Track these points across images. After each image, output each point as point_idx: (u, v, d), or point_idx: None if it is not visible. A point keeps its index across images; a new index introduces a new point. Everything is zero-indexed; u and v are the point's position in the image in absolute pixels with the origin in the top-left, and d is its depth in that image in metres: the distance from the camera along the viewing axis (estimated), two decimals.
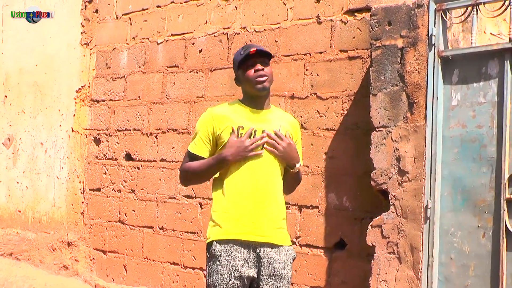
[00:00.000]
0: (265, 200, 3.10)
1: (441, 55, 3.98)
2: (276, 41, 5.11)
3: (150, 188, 5.94)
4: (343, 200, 4.63)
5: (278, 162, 3.17)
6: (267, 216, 3.10)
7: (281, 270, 3.13)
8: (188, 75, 5.71)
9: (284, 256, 3.15)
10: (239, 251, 3.06)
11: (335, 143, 4.70)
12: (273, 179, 3.14)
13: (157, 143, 5.91)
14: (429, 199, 3.96)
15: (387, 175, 4.12)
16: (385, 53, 4.17)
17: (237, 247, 3.06)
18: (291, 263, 3.18)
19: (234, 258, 3.05)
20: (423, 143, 3.98)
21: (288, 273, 3.15)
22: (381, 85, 4.18)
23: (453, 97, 3.95)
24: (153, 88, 6.00)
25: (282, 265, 3.13)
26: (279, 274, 3.11)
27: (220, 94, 5.43)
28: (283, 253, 3.15)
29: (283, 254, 3.15)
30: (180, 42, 5.80)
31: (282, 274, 3.13)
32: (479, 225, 3.81)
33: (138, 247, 6.02)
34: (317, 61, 4.84)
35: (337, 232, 4.66)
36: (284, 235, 3.19)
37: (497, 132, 3.77)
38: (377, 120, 4.19)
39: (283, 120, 3.25)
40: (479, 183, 3.82)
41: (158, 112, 5.92)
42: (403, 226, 4.03)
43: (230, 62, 5.36)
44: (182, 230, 5.63)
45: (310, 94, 4.87)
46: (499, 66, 3.79)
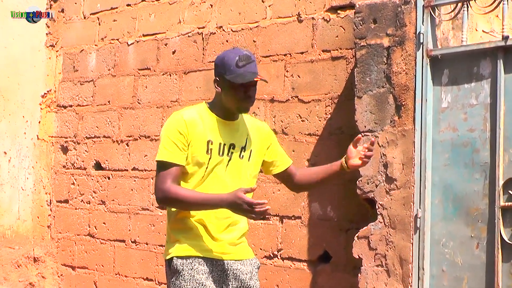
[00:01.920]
0: (227, 217, 3.07)
1: (430, 55, 3.99)
2: (254, 41, 5.12)
3: (121, 199, 5.93)
4: (327, 209, 4.63)
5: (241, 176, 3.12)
6: (229, 234, 3.11)
7: (248, 281, 3.13)
8: (161, 78, 5.71)
9: (249, 267, 3.15)
10: (201, 264, 3.05)
11: (318, 149, 4.70)
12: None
13: (129, 151, 5.91)
14: (419, 208, 3.97)
15: (374, 183, 4.12)
16: (371, 53, 4.18)
17: (199, 260, 3.05)
18: (257, 273, 3.19)
19: (197, 271, 3.03)
20: (412, 148, 3.99)
21: (256, 283, 3.16)
22: (366, 87, 4.19)
23: (443, 99, 3.97)
24: (124, 92, 6.00)
25: (249, 276, 3.13)
26: (247, 286, 3.12)
27: (195, 98, 5.41)
28: (247, 264, 3.16)
29: (248, 265, 3.15)
30: (152, 43, 5.80)
31: (250, 285, 3.13)
32: (472, 235, 3.82)
33: (109, 262, 5.99)
34: (298, 62, 4.84)
35: (321, 244, 4.66)
36: (246, 248, 3.21)
37: (490, 136, 3.78)
38: (362, 124, 4.20)
39: (251, 130, 3.19)
40: (471, 190, 3.83)
41: (129, 118, 5.92)
42: (392, 237, 4.03)
43: (205, 64, 5.38)
44: (156, 244, 5.62)
45: (291, 97, 4.88)
46: (491, 65, 3.80)
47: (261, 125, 3.30)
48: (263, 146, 3.23)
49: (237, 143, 3.12)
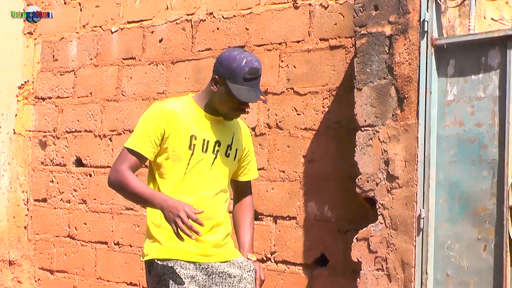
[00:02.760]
0: (210, 217, 3.10)
1: (434, 44, 3.98)
2: (247, 29, 5.12)
3: (103, 198, 5.91)
4: (325, 209, 4.64)
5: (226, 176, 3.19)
6: (213, 235, 3.13)
7: (237, 284, 3.13)
8: (146, 68, 5.70)
9: (238, 270, 3.16)
10: (184, 268, 3.06)
11: (314, 145, 4.70)
12: (218, 194, 3.16)
13: (112, 146, 5.90)
14: (422, 208, 3.97)
15: (374, 181, 4.12)
16: (371, 41, 4.18)
17: (182, 263, 3.06)
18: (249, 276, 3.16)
19: (180, 276, 3.04)
20: (415, 144, 3.99)
21: (247, 286, 3.16)
22: (366, 78, 4.18)
23: (448, 91, 3.97)
24: (107, 83, 5.98)
25: (238, 279, 3.14)
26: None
27: (184, 89, 5.38)
28: (235, 266, 3.16)
29: (236, 267, 3.16)
30: (138, 30, 5.80)
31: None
32: (480, 237, 3.82)
33: (91, 265, 5.98)
34: (294, 51, 4.84)
35: (318, 247, 4.67)
36: (232, 250, 3.22)
37: (499, 131, 3.78)
38: (362, 118, 4.20)
39: (236, 128, 3.25)
40: (479, 189, 3.83)
41: (113, 111, 5.91)
42: (393, 238, 4.03)
43: (194, 53, 5.39)
44: (141, 246, 5.46)
45: (286, 89, 4.88)
46: (500, 55, 3.79)
47: (244, 125, 3.34)
48: (243, 146, 3.28)
49: (223, 140, 3.16)
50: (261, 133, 4.94)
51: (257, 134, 4.94)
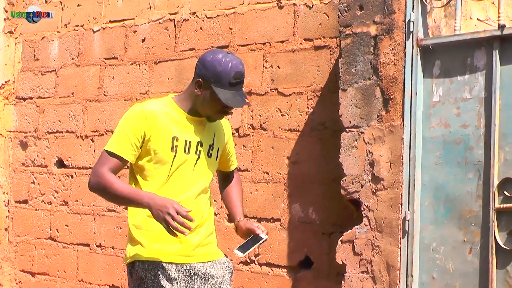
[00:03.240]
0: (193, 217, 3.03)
1: (420, 44, 3.99)
2: (230, 29, 5.11)
3: (85, 200, 5.90)
4: (309, 211, 4.63)
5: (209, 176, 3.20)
6: (196, 236, 3.13)
7: (220, 286, 3.14)
8: (129, 68, 5.70)
9: (221, 270, 3.16)
10: (166, 270, 3.06)
11: (299, 146, 4.69)
12: (199, 195, 3.16)
13: (94, 147, 5.88)
14: (408, 210, 3.97)
15: (359, 183, 4.12)
16: (356, 42, 4.18)
17: (163, 265, 3.06)
18: (230, 278, 3.19)
19: (162, 278, 3.04)
20: (400, 146, 3.99)
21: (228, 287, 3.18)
22: (351, 79, 4.18)
23: (434, 92, 3.97)
24: (89, 83, 5.98)
25: (221, 280, 3.14)
26: None
27: (166, 90, 5.39)
28: (218, 267, 3.17)
29: (219, 268, 3.16)
30: (120, 30, 5.79)
31: None
32: (465, 239, 3.83)
33: (72, 268, 5.96)
34: (278, 52, 4.85)
35: (302, 249, 4.66)
36: (214, 250, 3.23)
37: (484, 132, 3.79)
38: (347, 119, 4.19)
39: (217, 127, 3.25)
40: (464, 191, 3.84)
41: (95, 111, 5.90)
42: (378, 241, 4.03)
43: (177, 53, 5.38)
44: (123, 248, 5.54)
45: (270, 90, 4.87)
46: (486, 56, 3.81)
47: (226, 122, 3.35)
48: (224, 142, 3.30)
49: (205, 141, 3.17)
50: (245, 134, 4.92)
51: (241, 135, 4.93)
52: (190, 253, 3.10)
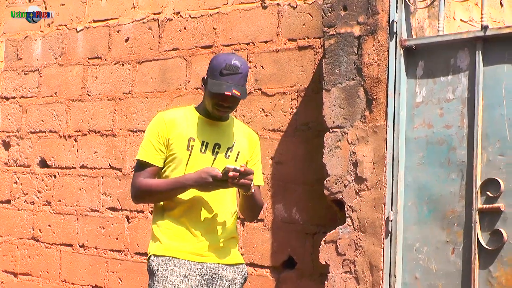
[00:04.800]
0: (211, 218, 3.20)
1: (403, 45, 4.00)
2: (214, 29, 5.11)
3: (68, 200, 5.90)
4: (292, 212, 4.63)
5: None
6: (213, 236, 3.20)
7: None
8: (112, 68, 5.70)
9: (232, 274, 3.22)
10: (178, 266, 3.13)
11: (282, 147, 4.69)
12: (222, 196, 3.21)
13: (77, 147, 5.89)
14: (391, 210, 3.97)
15: (343, 183, 4.12)
16: (340, 42, 4.18)
17: (177, 261, 3.13)
18: (240, 283, 3.25)
19: (172, 272, 3.11)
20: (384, 146, 3.99)
21: None
22: (335, 79, 4.18)
23: (417, 93, 3.98)
24: (72, 83, 5.97)
25: (229, 283, 3.19)
26: None
27: (150, 90, 5.43)
28: (231, 271, 3.22)
29: (231, 272, 3.22)
30: (103, 29, 5.79)
31: None
32: (448, 240, 3.83)
33: (55, 268, 5.94)
34: (262, 52, 4.86)
35: (286, 249, 4.66)
36: (232, 253, 3.27)
37: (468, 133, 3.79)
38: (331, 119, 4.20)
39: (240, 135, 3.33)
40: (447, 191, 3.84)
41: (78, 111, 5.89)
42: (361, 241, 4.03)
43: (161, 53, 5.39)
44: (106, 248, 5.61)
45: (254, 90, 4.87)
46: (469, 57, 3.82)
47: (252, 135, 3.41)
48: (249, 153, 3.34)
49: (224, 143, 3.25)
50: None
51: None
52: (204, 252, 3.16)
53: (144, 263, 5.12)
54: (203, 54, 5.11)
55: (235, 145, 3.27)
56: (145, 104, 5.41)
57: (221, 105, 3.16)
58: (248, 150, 3.33)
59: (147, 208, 5.27)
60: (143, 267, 5.10)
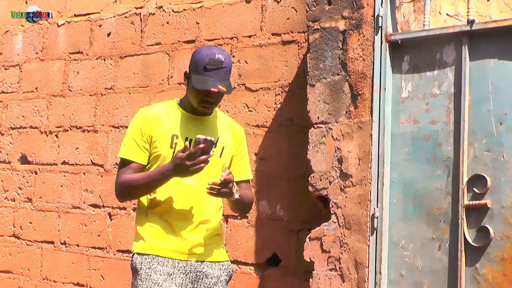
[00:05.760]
0: (195, 215, 3.18)
1: (389, 39, 3.99)
2: (197, 23, 5.11)
3: (50, 196, 5.90)
4: (277, 208, 4.64)
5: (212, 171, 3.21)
6: (197, 234, 3.19)
7: (213, 287, 3.19)
8: (94, 63, 5.70)
9: (217, 271, 3.22)
10: (161, 264, 3.13)
11: (266, 142, 4.69)
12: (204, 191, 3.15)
13: (58, 143, 5.88)
14: (376, 207, 3.96)
15: (328, 179, 4.11)
16: (325, 37, 4.18)
17: (160, 259, 3.13)
18: (226, 280, 3.25)
19: (155, 271, 3.11)
20: (369, 142, 3.99)
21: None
22: (320, 74, 4.18)
23: (403, 88, 3.98)
24: (53, 78, 5.98)
25: (215, 281, 3.19)
26: None
27: (132, 85, 5.44)
28: (216, 268, 3.22)
29: (216, 269, 3.21)
30: (85, 24, 5.80)
31: None
32: (434, 237, 3.84)
33: (36, 265, 5.95)
34: (246, 47, 4.85)
35: (270, 246, 4.67)
36: (217, 250, 3.26)
37: (454, 129, 3.79)
38: (315, 115, 4.19)
39: (224, 129, 3.31)
40: (433, 187, 3.84)
41: (59, 107, 5.89)
42: (346, 238, 4.03)
43: (143, 47, 5.41)
44: (88, 246, 5.63)
45: (237, 85, 4.86)
46: (456, 52, 3.82)
47: (236, 126, 3.40)
48: (234, 147, 3.33)
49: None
50: None
51: None
52: (188, 250, 3.14)
53: (126, 261, 5.10)
54: (186, 49, 5.09)
55: (220, 140, 3.25)
56: (127, 100, 5.38)
57: (206, 101, 3.13)
58: (234, 144, 3.31)
59: (130, 205, 5.25)
60: (125, 265, 5.06)
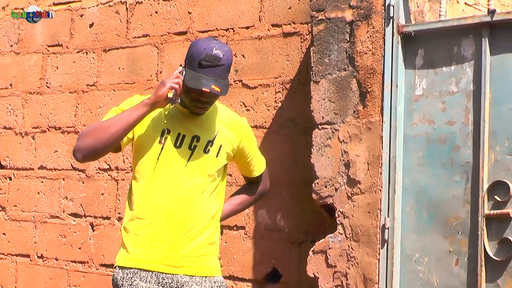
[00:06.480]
0: (186, 221, 3.15)
1: (401, 31, 4.01)
2: (189, 13, 5.11)
3: (25, 205, 5.91)
4: (277, 218, 4.64)
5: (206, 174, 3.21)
6: (187, 242, 3.16)
7: None
8: (75, 57, 5.71)
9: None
10: (144, 280, 3.11)
11: (265, 145, 4.68)
12: (197, 194, 3.18)
13: (35, 145, 5.89)
14: (387, 217, 3.98)
15: (333, 186, 4.12)
16: (330, 28, 4.19)
17: (142, 274, 3.11)
18: None
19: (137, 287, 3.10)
20: (379, 145, 4.00)
21: None
22: (324, 69, 4.19)
23: (417, 85, 3.99)
24: (30, 73, 5.99)
25: None
26: None
27: (117, 81, 5.45)
28: (207, 285, 3.18)
29: (207, 285, 3.19)
30: (65, 13, 5.79)
31: None
32: (451, 249, 3.85)
33: (11, 281, 5.95)
34: (243, 39, 4.86)
35: (269, 260, 4.67)
36: (209, 264, 3.23)
37: (473, 130, 3.81)
38: (319, 114, 4.20)
39: (223, 125, 3.28)
40: (450, 195, 3.86)
41: (36, 105, 5.90)
42: (354, 251, 4.04)
43: (130, 40, 5.42)
44: (68, 259, 5.61)
45: (233, 82, 4.86)
46: (475, 45, 3.84)
47: (237, 120, 3.37)
48: (235, 143, 3.31)
49: (203, 136, 3.21)
50: None
51: None
52: (177, 263, 3.12)
53: (110, 276, 5.09)
54: (176, 41, 5.10)
55: (217, 137, 3.23)
56: (112, 97, 5.40)
57: (198, 100, 3.12)
58: (234, 142, 3.29)
59: (114, 214, 5.26)
60: (109, 280, 5.06)
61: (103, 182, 5.39)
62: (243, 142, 3.32)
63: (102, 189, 5.39)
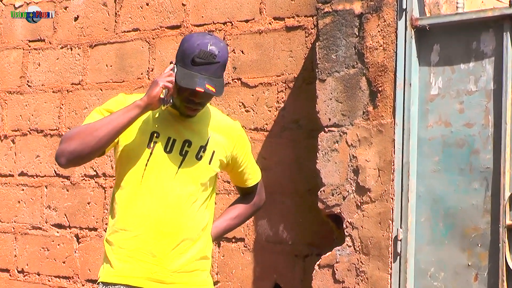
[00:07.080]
0: (176, 233, 3.14)
1: (415, 25, 4.02)
2: (183, 5, 5.13)
3: (4, 215, 5.95)
4: (279, 229, 4.65)
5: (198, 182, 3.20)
6: (177, 256, 3.14)
7: None
8: (58, 53, 5.74)
9: None
10: None
11: (267, 149, 4.71)
12: (188, 203, 3.17)
13: (15, 150, 5.93)
14: (400, 228, 3.98)
15: (341, 194, 4.13)
16: (337, 21, 4.21)
17: None
18: None
19: None
20: (391, 149, 4.01)
21: None
22: (331, 67, 4.20)
23: (432, 83, 4.00)
24: (9, 71, 6.03)
25: None
26: None
27: (105, 79, 5.47)
28: None
29: None
30: (48, 5, 5.83)
31: None
32: (470, 263, 3.85)
33: None
34: (242, 33, 4.87)
35: (271, 275, 4.67)
36: (200, 279, 3.22)
37: (493, 133, 3.82)
38: (326, 116, 4.21)
39: (216, 130, 3.27)
40: (468, 204, 3.86)
41: (16, 106, 5.95)
42: (364, 265, 4.05)
43: (118, 34, 5.43)
44: (51, 274, 5.64)
45: (232, 80, 4.89)
46: (495, 40, 3.85)
47: (231, 124, 3.37)
48: (228, 150, 3.30)
49: (195, 140, 3.19)
50: None
51: None
52: (166, 279, 3.11)
53: None
54: (169, 36, 5.11)
55: (209, 142, 3.22)
56: (99, 97, 5.42)
57: (191, 101, 3.11)
58: (228, 148, 3.27)
59: (101, 225, 5.26)
60: None
61: (89, 190, 5.40)
62: (237, 149, 3.32)
63: (89, 198, 5.40)
